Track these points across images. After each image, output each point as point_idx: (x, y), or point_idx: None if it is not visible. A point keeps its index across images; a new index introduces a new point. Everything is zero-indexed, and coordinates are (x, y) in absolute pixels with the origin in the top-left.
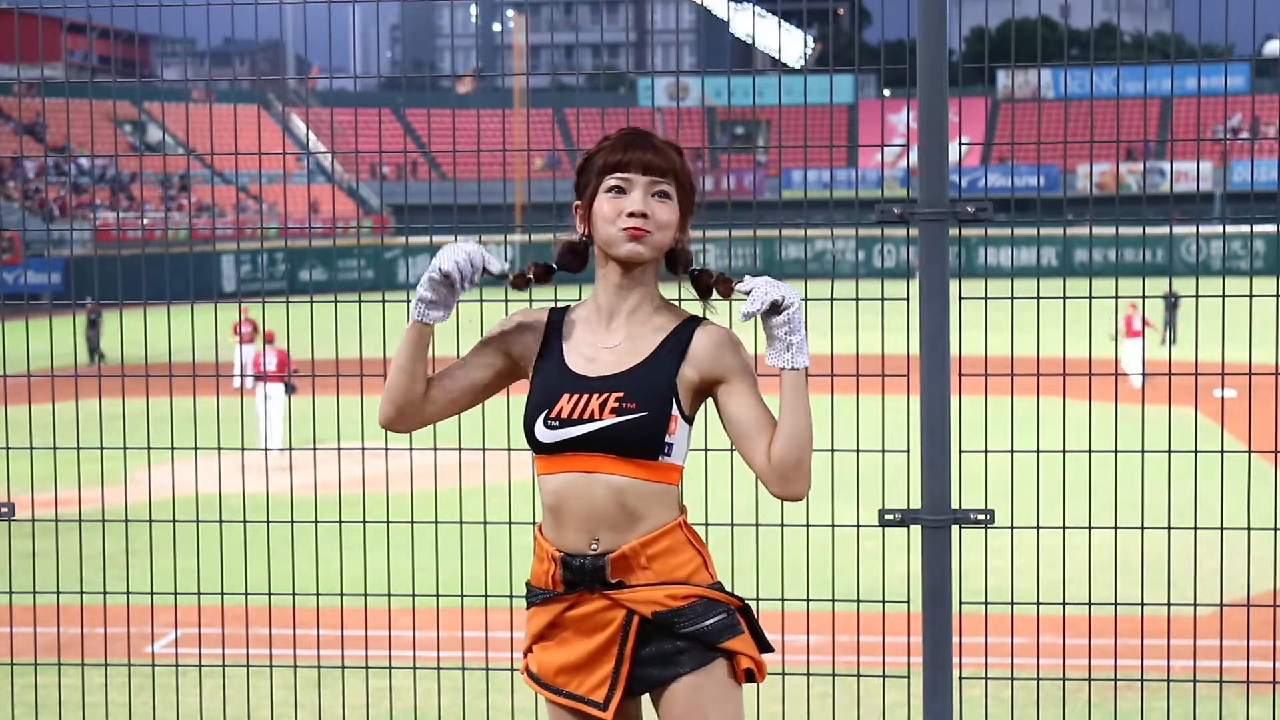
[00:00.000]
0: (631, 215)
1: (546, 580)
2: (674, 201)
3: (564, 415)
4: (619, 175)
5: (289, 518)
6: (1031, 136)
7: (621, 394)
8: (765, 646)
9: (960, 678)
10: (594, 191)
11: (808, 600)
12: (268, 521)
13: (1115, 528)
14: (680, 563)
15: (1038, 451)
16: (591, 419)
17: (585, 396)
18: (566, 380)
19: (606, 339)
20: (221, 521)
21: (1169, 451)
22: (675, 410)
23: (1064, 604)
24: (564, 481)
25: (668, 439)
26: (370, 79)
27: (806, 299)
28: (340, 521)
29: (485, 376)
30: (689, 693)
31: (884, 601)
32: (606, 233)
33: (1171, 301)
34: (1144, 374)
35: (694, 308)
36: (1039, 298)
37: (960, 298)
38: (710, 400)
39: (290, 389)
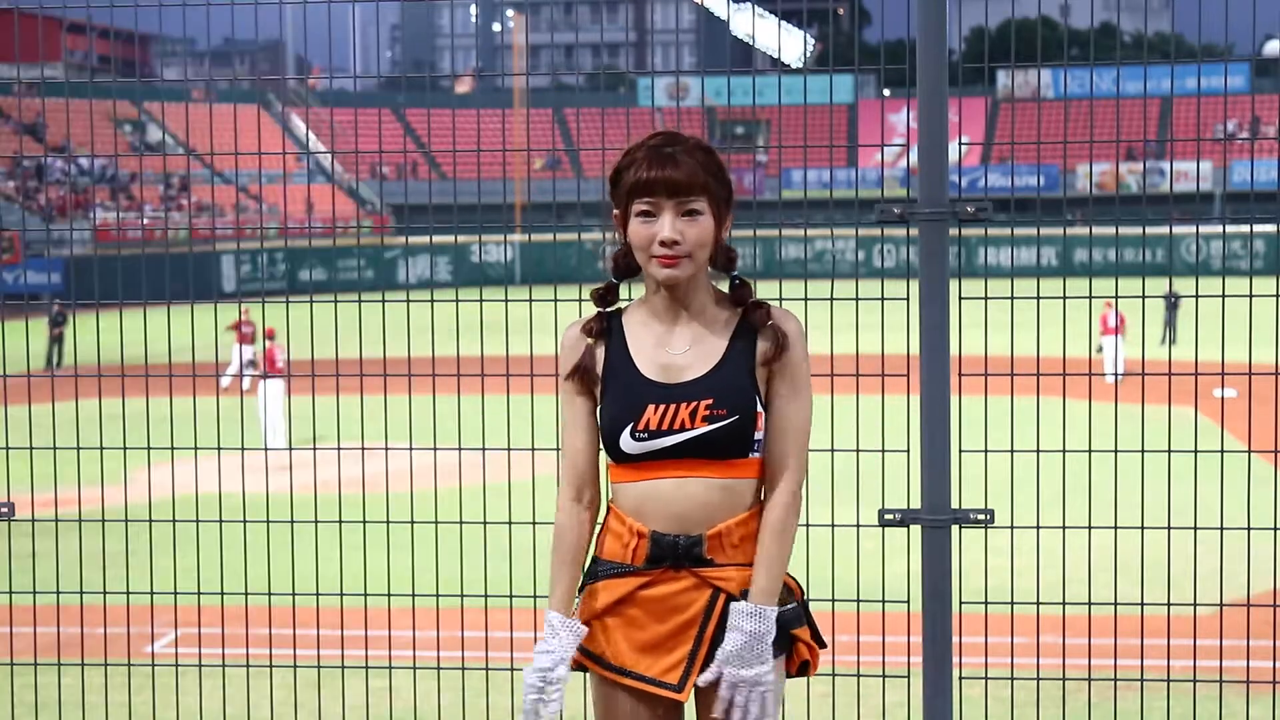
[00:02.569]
0: (663, 244)
1: (626, 555)
2: (706, 215)
3: (652, 427)
4: (646, 200)
5: (289, 518)
6: (1031, 136)
7: (711, 400)
8: (820, 641)
9: (960, 678)
10: (626, 211)
11: (807, 600)
12: (268, 521)
13: (1115, 528)
14: None
15: (1038, 451)
16: (683, 429)
17: (674, 406)
18: (648, 390)
19: (673, 344)
20: (221, 521)
21: (1169, 451)
22: (759, 407)
23: (1064, 604)
24: (650, 488)
25: (756, 435)
26: (370, 79)
27: (806, 299)
28: (340, 521)
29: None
30: None
31: (884, 601)
32: (642, 258)
33: (1172, 301)
34: (1118, 373)
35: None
36: (1039, 298)
37: (960, 298)
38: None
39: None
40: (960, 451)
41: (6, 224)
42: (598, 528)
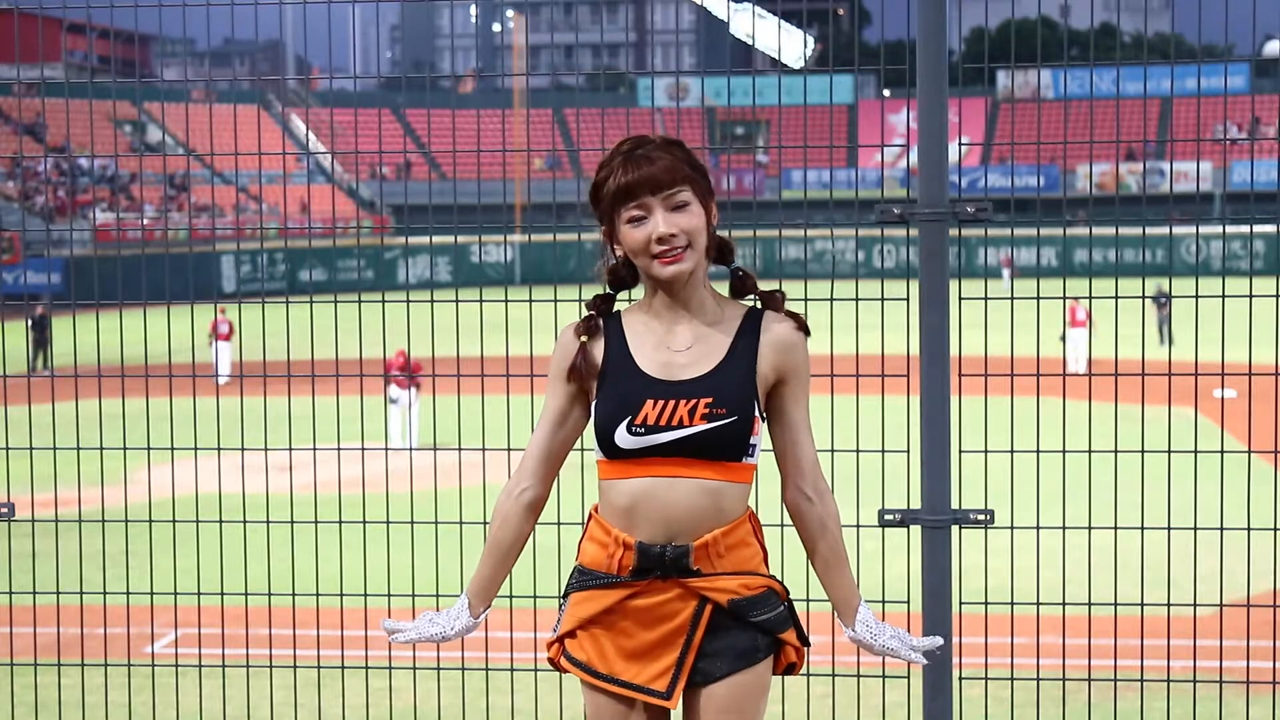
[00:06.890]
0: (660, 241)
1: (611, 565)
2: (694, 204)
3: (650, 422)
4: (633, 204)
5: (289, 518)
6: (1031, 136)
7: (711, 399)
8: (805, 640)
9: (960, 678)
10: (614, 221)
11: (808, 600)
12: (268, 521)
13: (1115, 528)
14: (750, 554)
15: (1038, 451)
16: (681, 425)
17: (672, 403)
18: (647, 386)
19: (674, 341)
20: (221, 521)
21: (1169, 452)
22: (757, 411)
23: (1064, 604)
24: (643, 485)
25: (752, 440)
26: (370, 79)
27: (806, 299)
28: (340, 521)
29: (578, 423)
30: (734, 689)
31: (884, 602)
32: (642, 262)
33: (1162, 302)
34: (1091, 373)
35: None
36: (1039, 298)
37: (960, 298)
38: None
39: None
40: (960, 452)
41: (6, 224)
42: (580, 530)
